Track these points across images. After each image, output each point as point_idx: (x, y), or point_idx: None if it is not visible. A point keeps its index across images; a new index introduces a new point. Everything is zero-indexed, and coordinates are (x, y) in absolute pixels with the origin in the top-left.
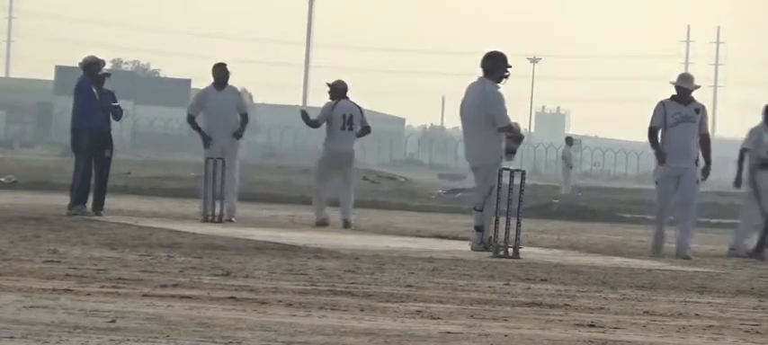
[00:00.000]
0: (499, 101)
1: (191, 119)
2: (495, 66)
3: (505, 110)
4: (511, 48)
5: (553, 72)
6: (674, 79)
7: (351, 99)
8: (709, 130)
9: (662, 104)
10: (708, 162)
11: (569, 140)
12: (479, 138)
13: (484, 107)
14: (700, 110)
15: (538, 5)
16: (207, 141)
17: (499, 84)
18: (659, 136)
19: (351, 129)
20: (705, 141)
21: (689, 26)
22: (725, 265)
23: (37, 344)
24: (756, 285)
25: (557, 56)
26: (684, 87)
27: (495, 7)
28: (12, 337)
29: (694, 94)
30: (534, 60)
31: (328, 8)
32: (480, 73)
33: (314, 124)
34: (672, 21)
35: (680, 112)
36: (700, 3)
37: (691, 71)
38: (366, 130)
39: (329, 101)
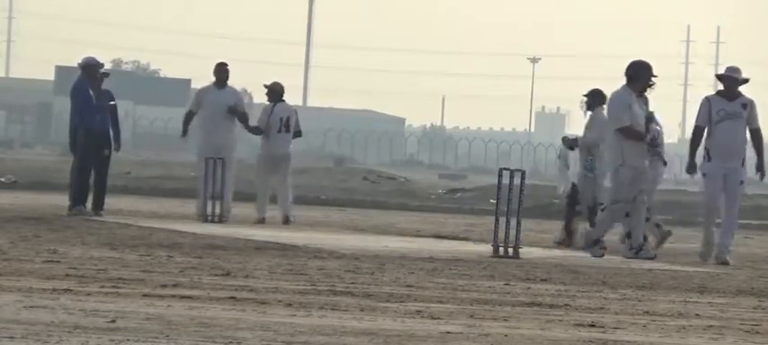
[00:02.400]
0: (614, 105)
1: (189, 114)
2: (637, 74)
3: (621, 115)
4: (511, 48)
5: (553, 72)
6: (722, 71)
7: (287, 102)
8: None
9: (707, 101)
10: (760, 158)
11: (566, 140)
12: (610, 144)
13: (609, 113)
14: (747, 105)
15: (538, 5)
16: (185, 132)
17: (645, 93)
18: (705, 134)
19: (288, 131)
20: (756, 136)
21: (689, 26)
22: (725, 265)
23: (37, 344)
24: (756, 285)
25: (557, 56)
26: (731, 76)
27: (495, 7)
28: (12, 337)
29: (692, 94)
30: (534, 60)
31: (328, 8)
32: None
33: (257, 131)
34: (672, 21)
35: (724, 109)
36: (700, 3)
37: (691, 71)
38: (297, 134)
39: (267, 103)
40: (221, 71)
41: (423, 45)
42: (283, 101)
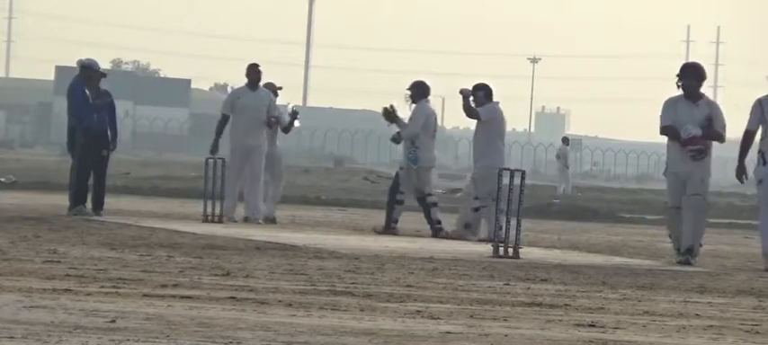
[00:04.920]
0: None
1: (224, 120)
2: (679, 77)
3: (661, 118)
4: (511, 48)
5: (553, 72)
6: None
7: None
8: None
9: (759, 103)
10: None
11: (566, 140)
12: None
13: None
14: None
15: (538, 5)
16: (214, 148)
17: (697, 95)
18: (758, 137)
19: None
20: None
21: (689, 26)
22: (725, 265)
23: (37, 344)
24: (756, 285)
25: (557, 56)
26: None
27: (495, 7)
28: (12, 337)
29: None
30: (534, 60)
31: (328, 8)
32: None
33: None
34: (672, 21)
35: None
36: (700, 3)
37: None
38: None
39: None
40: (253, 72)
41: (423, 45)
42: None
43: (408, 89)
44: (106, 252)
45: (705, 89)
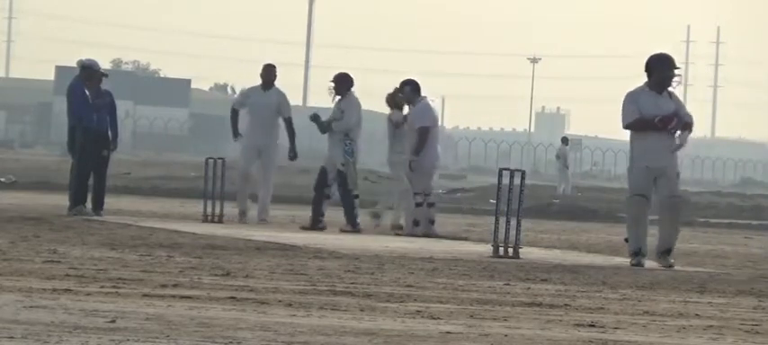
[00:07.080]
0: (622, 105)
1: (234, 113)
2: (650, 68)
3: (625, 113)
4: (511, 48)
5: (553, 72)
6: None
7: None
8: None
9: None
10: None
11: (565, 140)
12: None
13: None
14: None
15: (538, 5)
16: (236, 135)
17: (669, 88)
18: None
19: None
20: None
21: (689, 26)
22: (725, 265)
23: (37, 344)
24: (756, 285)
25: (557, 56)
26: None
27: (495, 7)
28: (12, 337)
29: (692, 94)
30: (534, 60)
31: (328, 8)
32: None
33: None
34: (672, 21)
35: None
36: (700, 3)
37: (691, 71)
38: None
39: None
40: (268, 73)
41: (423, 45)
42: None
43: (332, 81)
44: (106, 252)
45: (705, 89)
